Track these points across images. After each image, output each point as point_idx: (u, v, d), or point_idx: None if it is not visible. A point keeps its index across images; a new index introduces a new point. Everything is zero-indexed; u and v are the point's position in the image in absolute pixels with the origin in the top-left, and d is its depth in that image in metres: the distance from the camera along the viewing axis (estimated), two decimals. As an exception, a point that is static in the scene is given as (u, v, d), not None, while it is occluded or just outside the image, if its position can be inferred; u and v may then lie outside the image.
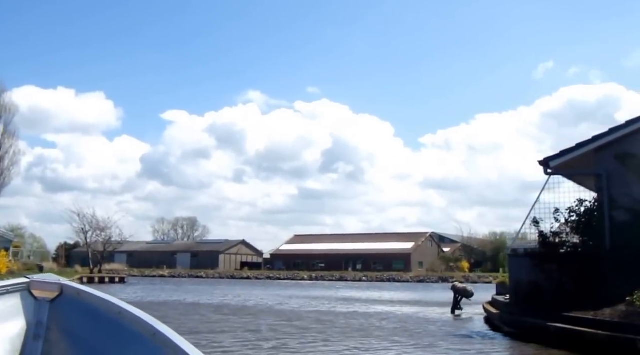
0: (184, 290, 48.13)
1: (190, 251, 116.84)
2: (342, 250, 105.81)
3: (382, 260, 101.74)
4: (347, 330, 19.07)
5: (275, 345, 15.38)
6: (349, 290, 52.11)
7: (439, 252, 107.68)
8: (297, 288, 57.04)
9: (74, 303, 3.25)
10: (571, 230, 18.91)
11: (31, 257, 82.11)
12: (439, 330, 19.56)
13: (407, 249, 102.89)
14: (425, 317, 24.34)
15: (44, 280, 3.33)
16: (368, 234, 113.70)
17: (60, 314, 3.25)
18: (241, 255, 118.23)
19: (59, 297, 3.28)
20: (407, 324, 21.55)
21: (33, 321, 3.21)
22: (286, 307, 29.56)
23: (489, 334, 18.26)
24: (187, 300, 34.53)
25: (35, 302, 3.26)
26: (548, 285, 18.32)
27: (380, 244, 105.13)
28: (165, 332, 2.89)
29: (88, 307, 3.22)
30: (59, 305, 3.27)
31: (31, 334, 3.18)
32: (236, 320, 21.92)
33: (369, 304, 33.08)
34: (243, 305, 31.15)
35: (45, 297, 3.27)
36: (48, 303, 3.26)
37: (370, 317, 24.27)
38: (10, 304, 3.20)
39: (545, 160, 18.97)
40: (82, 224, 72.89)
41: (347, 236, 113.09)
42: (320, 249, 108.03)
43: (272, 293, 45.19)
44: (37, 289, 3.27)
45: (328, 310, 27.73)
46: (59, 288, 3.28)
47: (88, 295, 3.25)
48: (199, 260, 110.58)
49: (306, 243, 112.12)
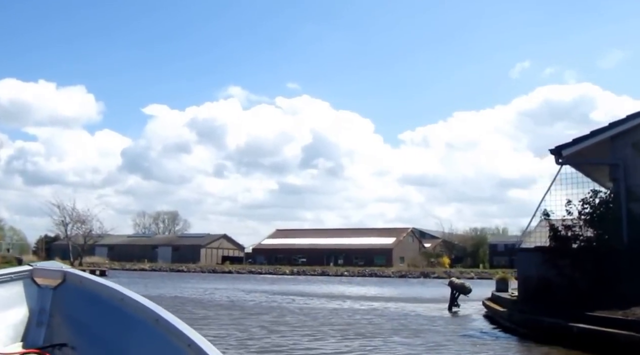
0: (156, 283, 46.49)
1: (171, 245, 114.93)
2: (324, 245, 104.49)
3: (364, 255, 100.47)
4: (347, 328, 17.62)
5: (272, 342, 13.87)
6: (334, 286, 50.62)
7: (420, 247, 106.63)
8: (282, 283, 55.51)
9: (77, 290, 3.24)
10: (584, 223, 17.45)
11: (10, 250, 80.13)
12: (444, 329, 18.15)
13: (389, 245, 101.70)
14: (422, 315, 22.93)
15: (47, 268, 3.31)
16: (349, 229, 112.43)
17: (63, 301, 3.24)
18: (222, 249, 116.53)
19: (61, 284, 3.28)
20: (405, 321, 20.11)
21: (36, 308, 3.21)
22: (274, 305, 28.03)
23: (499, 334, 16.80)
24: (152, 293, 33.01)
25: (39, 290, 3.26)
26: (560, 281, 16.88)
27: (361, 239, 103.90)
28: (168, 319, 2.85)
29: (91, 294, 3.20)
30: (61, 292, 3.26)
31: (34, 321, 3.18)
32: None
33: (359, 300, 31.55)
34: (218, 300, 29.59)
35: (48, 284, 3.27)
36: (51, 290, 3.27)
37: (367, 313, 22.88)
38: (14, 291, 3.20)
39: (557, 148, 17.51)
40: (62, 216, 71.00)
41: (329, 231, 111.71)
42: (302, 244, 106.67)
43: (254, 288, 43.62)
44: (40, 276, 3.27)
45: (321, 307, 26.26)
46: (61, 275, 3.28)
47: (91, 282, 3.23)
48: (180, 254, 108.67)
49: (288, 238, 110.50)
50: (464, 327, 18.87)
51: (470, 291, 24.84)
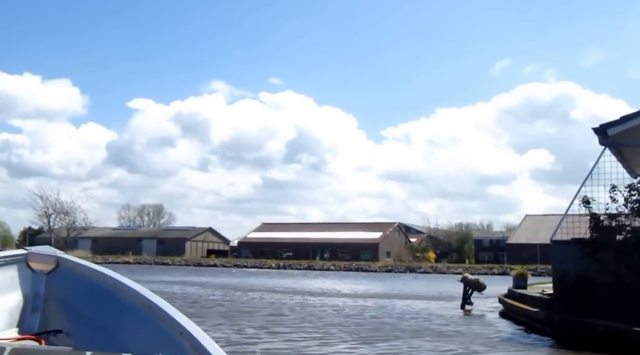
0: (133, 276, 43.87)
1: (156, 238, 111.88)
2: (310, 239, 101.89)
3: (350, 249, 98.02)
4: (358, 330, 15.18)
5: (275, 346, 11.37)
6: (324, 281, 48.10)
7: (406, 242, 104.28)
8: (270, 277, 52.95)
9: (71, 275, 3.20)
10: (632, 212, 15.01)
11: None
12: (468, 330, 15.91)
13: (375, 239, 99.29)
14: (435, 313, 20.59)
15: (41, 253, 3.27)
16: (335, 223, 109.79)
17: (57, 286, 3.20)
18: (208, 243, 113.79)
19: (55, 269, 3.24)
20: (421, 321, 17.77)
21: (30, 293, 3.17)
22: (266, 300, 25.52)
23: (537, 337, 14.37)
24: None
25: (33, 274, 3.21)
26: (602, 278, 14.46)
27: (347, 234, 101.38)
28: (160, 305, 2.83)
29: (84, 279, 3.16)
30: (55, 277, 3.22)
31: (29, 306, 3.14)
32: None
33: (361, 297, 28.99)
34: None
35: (42, 269, 3.23)
36: (45, 275, 3.23)
37: (375, 311, 20.54)
38: (8, 275, 3.14)
39: (602, 127, 15.08)
40: (45, 207, 67.96)
41: (315, 225, 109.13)
42: (288, 238, 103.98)
43: (241, 281, 41.06)
44: (34, 261, 3.23)
45: (320, 303, 23.79)
46: (55, 260, 3.25)
47: (84, 268, 3.20)
48: (165, 247, 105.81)
49: (274, 231, 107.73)
50: (490, 329, 16.53)
51: (484, 288, 22.50)
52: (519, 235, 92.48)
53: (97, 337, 2.98)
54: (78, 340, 2.98)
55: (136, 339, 2.86)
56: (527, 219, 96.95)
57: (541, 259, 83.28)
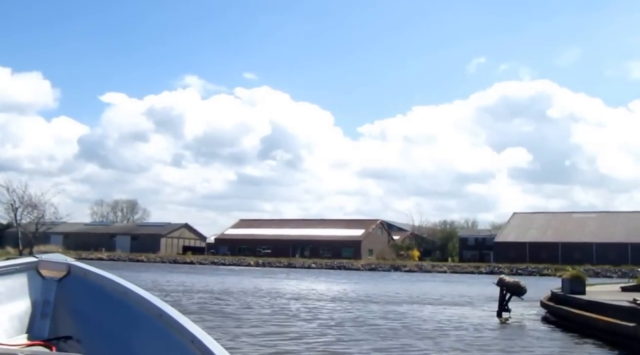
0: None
1: (130, 234, 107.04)
2: (290, 236, 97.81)
3: (331, 247, 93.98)
4: (394, 346, 11.41)
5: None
6: (313, 282, 43.99)
7: (389, 240, 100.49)
8: (254, 276, 48.77)
9: (81, 283, 3.20)
10: None
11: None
12: (544, 349, 11.93)
13: (358, 236, 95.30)
14: (474, 323, 16.79)
15: (52, 260, 3.27)
16: (316, 219, 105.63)
17: (68, 293, 3.20)
18: (183, 239, 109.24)
19: (66, 276, 3.23)
20: (466, 336, 14.06)
21: (40, 300, 3.17)
22: (270, 310, 21.48)
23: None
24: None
25: (43, 281, 3.21)
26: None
27: (328, 231, 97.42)
28: (171, 314, 2.80)
29: (95, 287, 3.16)
30: (66, 284, 3.22)
31: (39, 312, 3.14)
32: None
33: (373, 303, 24.72)
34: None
35: (53, 276, 3.22)
36: (56, 282, 3.22)
37: (400, 320, 16.53)
38: (19, 282, 3.15)
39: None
40: (11, 199, 63.11)
41: (295, 221, 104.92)
42: (267, 235, 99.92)
43: (226, 281, 36.86)
44: (45, 268, 3.23)
45: (331, 310, 19.74)
46: (66, 268, 3.24)
47: (95, 275, 3.20)
48: (140, 244, 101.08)
49: (252, 228, 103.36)
50: (570, 347, 12.55)
51: (525, 292, 18.69)
52: (507, 233, 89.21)
53: (108, 345, 2.96)
54: (88, 347, 2.99)
55: (146, 347, 2.82)
56: (515, 216, 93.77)
57: (530, 258, 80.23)
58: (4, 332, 3.01)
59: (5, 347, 2.77)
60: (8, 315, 3.05)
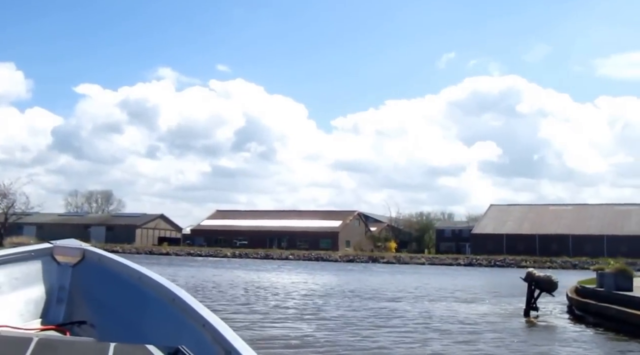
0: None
1: (105, 224, 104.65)
2: (267, 227, 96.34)
3: (309, 238, 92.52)
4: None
5: None
6: (297, 274, 42.67)
7: (366, 231, 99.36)
8: (232, 266, 47.29)
9: (96, 268, 3.22)
10: None
11: None
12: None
13: (335, 228, 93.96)
14: (501, 325, 15.06)
15: (67, 246, 3.29)
16: (293, 210, 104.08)
17: (82, 278, 3.22)
18: (159, 230, 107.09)
19: (81, 262, 3.26)
20: (501, 338, 12.49)
21: (56, 285, 3.19)
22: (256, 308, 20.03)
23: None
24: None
25: (58, 267, 3.23)
26: None
27: (305, 222, 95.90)
28: (184, 298, 2.81)
29: (109, 272, 3.17)
30: (81, 270, 3.24)
31: (54, 297, 3.16)
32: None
33: (387, 301, 23.12)
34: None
35: (67, 262, 3.24)
36: (70, 268, 3.24)
37: (420, 320, 15.09)
38: (35, 268, 3.17)
39: None
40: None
41: (272, 213, 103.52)
42: (243, 226, 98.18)
43: (210, 272, 35.35)
44: (60, 254, 3.24)
45: (335, 306, 18.31)
46: (81, 253, 3.28)
47: (109, 260, 3.22)
48: (115, 234, 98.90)
49: (229, 219, 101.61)
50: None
51: (557, 288, 17.05)
52: (485, 225, 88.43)
53: (121, 329, 2.94)
54: (102, 331, 2.96)
55: (159, 331, 2.82)
56: (492, 208, 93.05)
57: (507, 249, 79.61)
58: (20, 316, 3.04)
59: (21, 331, 2.74)
60: (24, 300, 3.08)
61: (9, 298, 3.05)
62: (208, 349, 2.52)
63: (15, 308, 3.04)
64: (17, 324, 2.85)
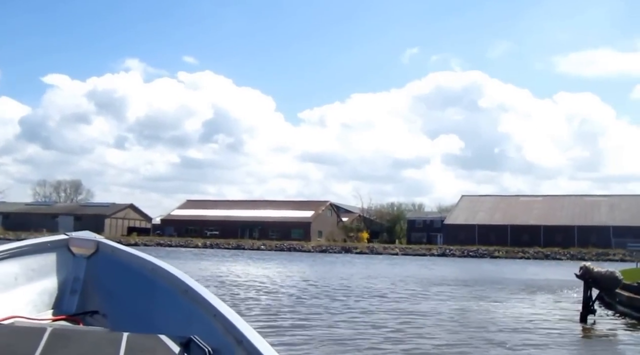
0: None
1: (73, 214, 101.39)
2: (238, 217, 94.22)
3: (280, 228, 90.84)
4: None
5: None
6: (278, 266, 41.06)
7: (338, 221, 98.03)
8: (204, 257, 45.53)
9: (110, 259, 3.23)
10: None
11: None
12: None
13: (307, 218, 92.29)
14: (561, 332, 12.12)
15: (82, 238, 3.31)
16: (264, 200, 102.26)
17: (96, 270, 3.24)
18: (129, 220, 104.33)
19: (95, 253, 3.27)
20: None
21: (71, 276, 3.22)
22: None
23: None
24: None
25: (73, 258, 3.25)
26: None
27: (277, 212, 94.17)
28: (197, 289, 2.79)
29: (123, 263, 3.18)
30: (95, 261, 3.26)
31: (69, 288, 3.19)
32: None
33: (386, 300, 21.73)
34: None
35: (82, 253, 3.26)
36: (85, 259, 3.26)
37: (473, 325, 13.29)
38: (50, 259, 3.20)
39: None
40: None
41: (243, 202, 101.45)
42: (214, 216, 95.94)
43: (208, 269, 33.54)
44: (75, 245, 3.27)
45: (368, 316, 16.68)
46: (95, 245, 3.29)
47: (123, 252, 3.23)
48: (83, 224, 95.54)
49: (199, 208, 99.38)
50: None
51: (620, 285, 14.21)
52: (456, 216, 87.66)
53: (133, 319, 2.95)
54: (114, 321, 2.98)
55: (171, 321, 2.81)
56: (464, 199, 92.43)
57: (479, 240, 78.93)
58: (34, 307, 3.05)
59: (35, 321, 2.79)
60: (39, 291, 3.09)
61: (24, 289, 3.07)
62: (220, 339, 2.49)
63: (30, 299, 3.07)
64: (30, 314, 2.90)
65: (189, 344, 2.43)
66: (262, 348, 2.32)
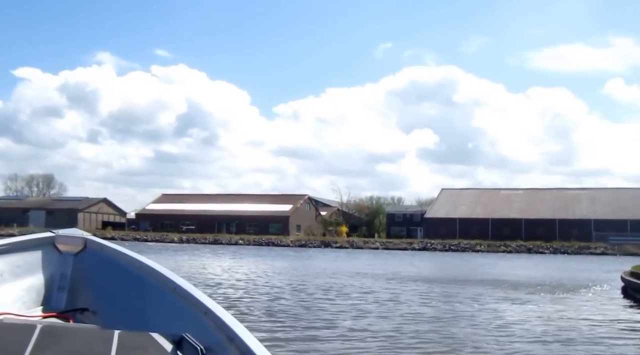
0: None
1: (45, 208, 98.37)
2: (215, 211, 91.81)
3: (258, 222, 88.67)
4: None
5: None
6: (262, 261, 39.04)
7: (317, 215, 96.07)
8: (181, 253, 43.36)
9: (97, 257, 3.18)
10: None
11: None
12: None
13: (285, 212, 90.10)
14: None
15: (69, 235, 3.25)
16: (242, 194, 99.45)
17: (84, 267, 3.19)
18: (102, 214, 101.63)
19: (82, 251, 3.22)
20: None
21: (57, 273, 3.16)
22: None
23: None
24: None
25: (60, 256, 3.20)
26: None
27: (255, 206, 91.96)
28: (185, 287, 2.77)
29: (110, 261, 3.14)
30: (82, 258, 3.21)
31: (56, 286, 3.14)
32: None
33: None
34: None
35: (69, 250, 3.21)
36: (72, 256, 3.21)
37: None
38: (36, 256, 3.15)
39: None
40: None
41: (220, 196, 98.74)
42: (191, 210, 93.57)
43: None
44: (62, 243, 3.22)
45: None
46: (82, 242, 3.23)
47: (111, 249, 3.19)
48: (55, 219, 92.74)
49: (175, 203, 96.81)
50: None
51: None
52: (437, 209, 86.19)
53: (123, 316, 2.90)
54: (104, 318, 2.94)
55: (161, 319, 2.78)
56: (444, 192, 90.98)
57: (461, 234, 77.53)
58: (22, 304, 3.00)
59: (24, 318, 2.76)
60: (26, 288, 3.03)
61: (10, 286, 3.01)
62: (211, 337, 2.47)
63: (17, 296, 2.99)
64: (19, 311, 2.86)
65: (181, 342, 2.41)
66: (253, 346, 2.28)
